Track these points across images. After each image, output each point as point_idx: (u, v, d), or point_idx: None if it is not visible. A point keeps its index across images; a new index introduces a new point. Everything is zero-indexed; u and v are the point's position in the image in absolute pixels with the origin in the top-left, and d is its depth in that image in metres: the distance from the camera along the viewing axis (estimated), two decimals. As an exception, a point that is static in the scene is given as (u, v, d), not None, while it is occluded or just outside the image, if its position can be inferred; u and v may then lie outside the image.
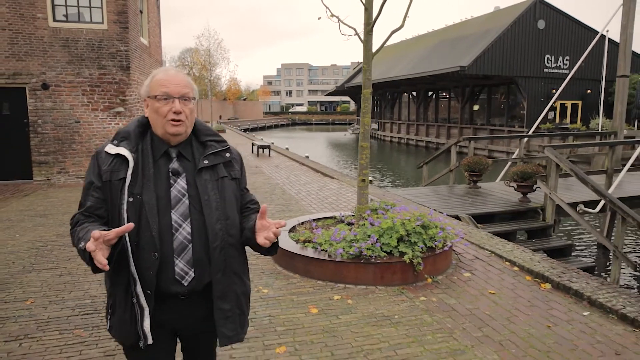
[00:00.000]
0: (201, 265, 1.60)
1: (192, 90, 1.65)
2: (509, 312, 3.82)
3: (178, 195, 1.60)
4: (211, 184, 1.64)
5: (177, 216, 1.58)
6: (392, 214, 4.76)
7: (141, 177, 1.57)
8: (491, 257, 5.17)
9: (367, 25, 4.87)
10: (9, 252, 5.30)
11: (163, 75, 1.63)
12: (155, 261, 1.53)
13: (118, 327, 1.64)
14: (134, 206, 1.54)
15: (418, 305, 3.93)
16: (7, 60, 9.94)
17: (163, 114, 1.59)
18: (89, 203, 1.59)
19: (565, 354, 3.15)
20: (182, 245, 1.58)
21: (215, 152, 1.69)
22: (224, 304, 1.64)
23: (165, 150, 1.64)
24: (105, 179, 1.57)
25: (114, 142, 1.62)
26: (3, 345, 3.14)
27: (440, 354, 3.14)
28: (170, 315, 1.63)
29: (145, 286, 1.55)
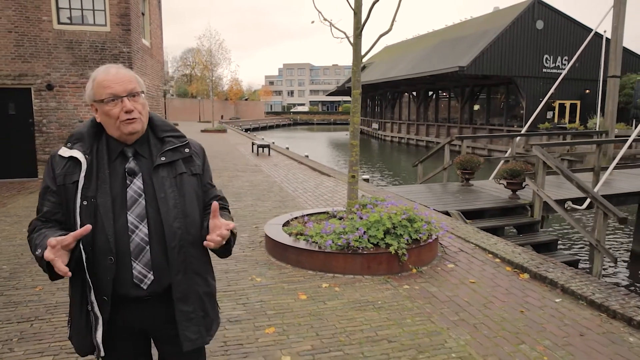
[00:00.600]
0: (160, 267, 1.55)
1: (138, 84, 1.59)
2: (486, 299, 4.08)
3: (134, 195, 1.56)
4: (169, 181, 1.59)
5: (133, 217, 1.54)
6: (379, 209, 5.02)
7: (95, 180, 1.53)
8: (475, 250, 5.43)
9: (357, 30, 5.14)
10: (18, 245, 5.59)
11: (104, 76, 1.55)
12: (111, 265, 1.49)
13: (75, 337, 1.61)
14: (88, 209, 1.50)
15: (401, 292, 4.19)
16: (13, 61, 10.25)
17: (115, 116, 1.53)
18: (45, 208, 1.55)
19: (533, 335, 3.41)
20: (139, 247, 1.53)
21: (173, 147, 1.63)
22: (186, 306, 1.59)
23: (121, 150, 1.59)
24: (59, 182, 1.53)
25: (67, 144, 1.58)
26: (16, 326, 3.43)
27: (417, 334, 3.40)
28: (132, 319, 1.59)
29: (101, 292, 1.51)
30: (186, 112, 52.61)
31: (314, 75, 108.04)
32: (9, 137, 10.54)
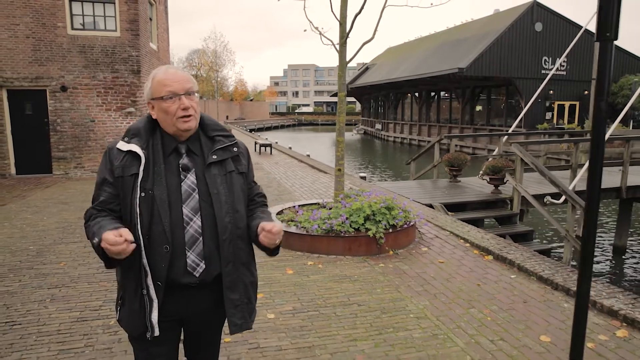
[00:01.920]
0: (211, 258, 1.66)
1: (194, 84, 1.70)
2: (450, 275, 4.68)
3: (188, 190, 1.64)
4: (220, 178, 1.68)
5: (188, 210, 1.63)
6: (362, 198, 5.64)
7: (152, 173, 1.62)
8: (449, 236, 6.03)
9: (342, 38, 5.76)
10: (41, 230, 6.26)
11: (163, 75, 1.65)
12: (166, 254, 1.59)
13: (127, 318, 1.69)
14: (146, 201, 1.58)
15: (376, 269, 4.81)
16: (30, 65, 10.96)
17: (172, 113, 1.63)
18: (102, 198, 1.64)
19: (484, 302, 4.01)
20: (193, 238, 1.63)
21: (223, 147, 1.73)
22: (233, 294, 1.70)
23: (174, 146, 1.68)
24: (117, 174, 1.62)
25: (125, 139, 1.66)
26: (47, 291, 4.09)
27: (383, 300, 4.02)
28: (178, 305, 1.69)
29: (155, 278, 1.60)
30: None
31: (319, 76, 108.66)
32: (26, 135, 11.25)
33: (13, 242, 5.71)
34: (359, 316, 3.69)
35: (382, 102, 49.77)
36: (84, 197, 8.77)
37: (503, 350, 3.20)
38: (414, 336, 3.38)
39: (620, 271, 9.18)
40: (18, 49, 10.84)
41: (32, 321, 3.53)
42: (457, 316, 3.73)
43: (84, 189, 9.68)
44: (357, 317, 3.68)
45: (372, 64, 50.00)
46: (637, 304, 3.82)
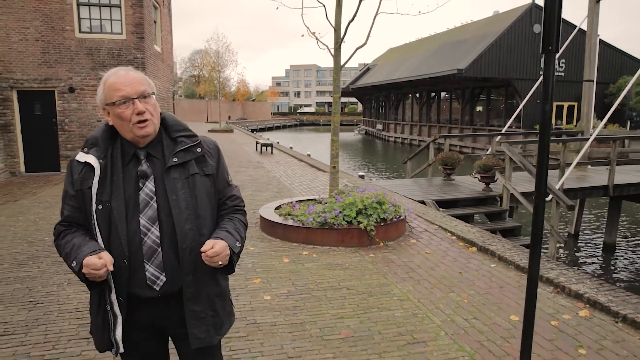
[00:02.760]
0: (172, 269, 1.58)
1: (148, 85, 1.61)
2: (434, 264, 5.05)
3: (146, 198, 1.57)
4: (181, 182, 1.59)
5: (145, 220, 1.56)
6: (354, 194, 6.01)
7: (109, 184, 1.55)
8: (438, 230, 6.40)
9: (336, 44, 6.13)
10: (53, 223, 6.61)
11: (114, 79, 1.57)
12: (125, 268, 1.53)
13: (94, 333, 1.65)
14: (103, 213, 1.53)
15: (366, 259, 5.18)
16: (39, 67, 11.37)
17: (127, 118, 1.55)
18: (66, 212, 1.61)
19: (463, 287, 4.38)
20: (151, 249, 1.56)
21: (185, 148, 1.64)
22: (195, 306, 1.62)
23: (134, 153, 1.60)
24: (77, 187, 1.56)
25: (84, 149, 1.60)
26: (64, 275, 4.48)
27: (371, 285, 4.39)
28: (147, 318, 1.63)
29: (117, 293, 1.55)
30: (194, 113, 53.78)
31: (321, 76, 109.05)
32: (35, 135, 11.66)
33: (29, 234, 6.12)
34: (347, 298, 4.07)
35: (383, 103, 50.13)
36: (92, 193, 9.16)
37: (475, 327, 3.57)
38: (396, 315, 3.75)
39: (609, 267, 9.51)
40: (28, 52, 11.25)
41: (52, 301, 3.92)
42: (437, 299, 4.10)
43: (92, 186, 10.07)
44: (345, 299, 4.06)
45: (374, 64, 50.37)
46: (602, 288, 4.18)
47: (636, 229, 12.07)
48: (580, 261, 9.75)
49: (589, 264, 9.58)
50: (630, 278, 8.82)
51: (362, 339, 3.33)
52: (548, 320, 3.68)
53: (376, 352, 3.15)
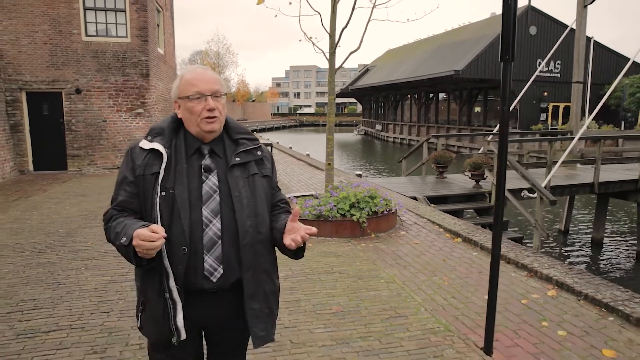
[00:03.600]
0: (230, 262, 1.61)
1: (222, 86, 1.67)
2: (420, 252, 5.48)
3: (209, 191, 1.61)
4: (242, 180, 1.65)
5: (207, 212, 1.59)
6: (348, 189, 6.44)
7: (174, 172, 1.59)
8: (427, 223, 6.83)
9: (331, 49, 6.56)
10: (65, 217, 7.09)
11: (192, 75, 1.64)
12: (184, 256, 1.55)
13: (150, 324, 1.65)
14: (167, 200, 1.56)
15: (358, 248, 5.61)
16: (47, 69, 11.80)
17: (197, 113, 1.61)
18: (121, 197, 1.62)
19: (445, 272, 4.80)
20: (211, 241, 1.59)
21: (247, 149, 1.70)
22: (255, 304, 1.64)
23: (197, 147, 1.65)
24: (138, 173, 1.59)
25: (147, 137, 1.64)
26: (80, 262, 4.92)
27: (361, 270, 4.81)
28: (198, 311, 1.64)
29: (176, 281, 1.56)
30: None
31: (321, 77, 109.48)
32: (43, 135, 12.09)
33: (44, 226, 6.55)
34: (339, 281, 4.49)
35: (382, 104, 50.55)
36: (99, 190, 9.60)
37: (452, 304, 3.99)
38: (382, 294, 4.18)
39: (596, 261, 9.92)
40: (36, 55, 11.68)
41: (73, 282, 4.35)
42: (420, 282, 4.53)
43: (99, 183, 10.51)
44: (337, 281, 4.48)
45: (373, 65, 50.80)
46: (570, 272, 4.61)
47: (622, 225, 12.50)
48: (569, 256, 10.15)
49: (576, 259, 9.98)
50: (613, 269, 9.24)
51: (351, 313, 3.76)
52: (519, 299, 4.11)
53: (362, 324, 3.58)
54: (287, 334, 3.40)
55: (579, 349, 3.23)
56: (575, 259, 9.95)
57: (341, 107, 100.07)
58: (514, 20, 2.81)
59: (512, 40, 2.82)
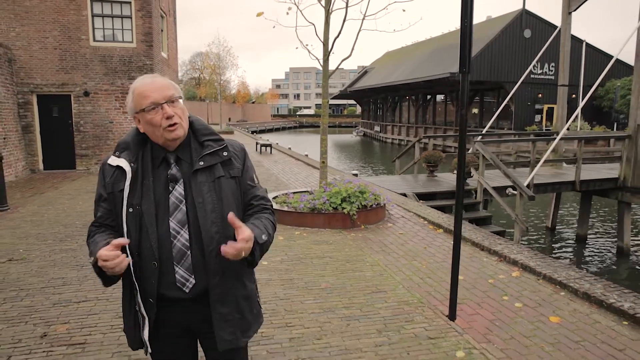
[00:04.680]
0: (201, 271, 1.61)
1: (175, 89, 1.63)
2: (404, 241, 6.05)
3: (175, 201, 1.60)
4: (207, 185, 1.62)
5: (174, 223, 1.59)
6: (340, 184, 7.02)
7: (140, 187, 1.58)
8: (413, 216, 7.41)
9: (325, 55, 7.14)
10: (80, 211, 7.67)
11: (141, 87, 1.60)
12: (155, 270, 1.56)
13: (127, 332, 1.72)
14: (134, 216, 1.56)
15: (348, 237, 6.19)
16: (57, 73, 12.39)
17: (157, 124, 1.58)
18: (99, 214, 1.65)
19: (424, 258, 5.38)
20: (180, 252, 1.59)
21: (211, 152, 1.67)
22: (222, 308, 1.65)
23: (164, 157, 1.64)
24: (108, 190, 1.61)
25: (115, 153, 1.64)
26: (99, 247, 5.49)
27: (349, 255, 5.39)
28: (176, 318, 1.67)
29: (147, 294, 1.59)
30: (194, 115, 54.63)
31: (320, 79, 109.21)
32: (53, 135, 12.68)
33: (61, 219, 7.13)
34: (329, 264, 5.07)
35: (380, 105, 51.16)
36: (108, 187, 10.18)
37: (427, 283, 4.57)
38: (366, 275, 4.76)
39: (579, 256, 10.48)
40: (47, 59, 12.28)
41: (94, 264, 4.92)
42: (401, 265, 5.10)
43: (106, 182, 11.09)
44: (327, 264, 5.06)
45: (371, 67, 51.43)
46: (535, 257, 5.19)
47: (606, 222, 13.07)
48: (554, 252, 10.71)
49: (561, 254, 10.54)
50: (595, 263, 9.81)
51: (337, 289, 4.34)
52: (486, 279, 4.69)
53: (347, 297, 4.16)
54: (282, 304, 3.98)
55: (530, 317, 3.81)
56: (560, 254, 10.51)
57: (341, 109, 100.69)
58: (469, 39, 3.38)
59: (468, 56, 3.40)
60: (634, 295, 4.07)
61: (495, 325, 3.67)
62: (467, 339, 3.43)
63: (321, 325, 3.60)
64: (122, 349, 3.17)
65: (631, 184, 10.52)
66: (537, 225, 12.51)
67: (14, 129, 11.73)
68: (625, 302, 3.91)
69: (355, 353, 3.19)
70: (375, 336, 3.43)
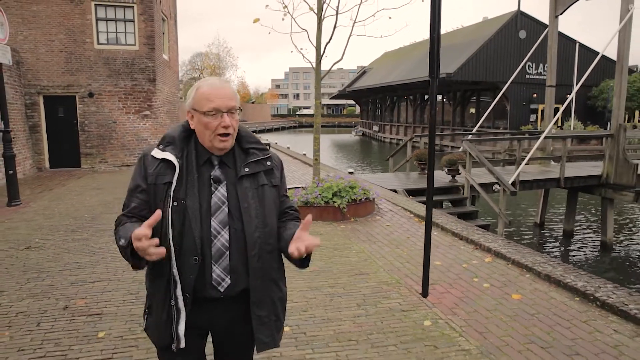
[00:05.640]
0: (237, 273, 1.64)
1: (237, 101, 1.67)
2: (390, 232, 6.53)
3: (218, 202, 1.63)
4: (251, 191, 1.66)
5: (216, 223, 1.62)
6: (331, 180, 7.50)
7: (185, 183, 1.61)
8: (401, 210, 7.89)
9: (317, 59, 7.62)
10: (88, 206, 8.16)
11: (208, 89, 1.63)
12: (195, 265, 1.58)
13: (154, 328, 1.70)
14: (179, 210, 1.58)
15: (338, 229, 6.67)
16: (63, 75, 12.88)
17: (212, 129, 1.61)
18: (133, 204, 1.65)
19: (407, 246, 5.86)
20: (219, 252, 1.62)
21: (256, 160, 1.71)
22: (261, 311, 1.68)
23: (208, 157, 1.67)
24: (150, 181, 1.62)
25: (159, 146, 1.66)
26: (108, 238, 5.99)
27: (338, 244, 5.88)
28: (204, 317, 1.68)
29: (183, 289, 1.60)
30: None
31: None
32: (58, 135, 13.17)
33: (71, 212, 7.62)
34: (318, 251, 5.55)
35: (379, 105, 51.64)
36: (113, 184, 10.67)
37: (406, 267, 5.06)
38: (351, 260, 5.24)
39: (565, 251, 10.94)
40: (53, 62, 12.76)
41: (105, 251, 5.42)
42: (384, 252, 5.59)
43: (112, 179, 11.59)
44: (317, 251, 5.52)
45: (370, 67, 51.90)
46: (507, 245, 5.67)
47: (592, 217, 13.56)
48: (543, 246, 11.17)
49: (548, 249, 11.00)
50: (580, 257, 10.30)
51: (325, 272, 4.82)
52: (460, 264, 5.17)
53: (332, 278, 4.64)
54: (274, 284, 4.47)
55: (495, 295, 4.30)
56: (547, 248, 10.97)
57: (340, 109, 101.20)
58: (438, 49, 3.86)
59: (436, 63, 3.87)
60: (588, 276, 4.56)
61: (462, 301, 4.15)
62: (435, 312, 3.92)
63: (308, 300, 4.09)
64: (134, 319, 3.66)
65: (614, 181, 11.00)
66: (527, 222, 12.99)
67: (21, 128, 12.21)
68: (579, 281, 4.40)
69: (336, 322, 3.68)
70: (355, 309, 3.92)
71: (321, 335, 3.46)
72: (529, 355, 3.22)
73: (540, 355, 3.23)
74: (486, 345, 3.36)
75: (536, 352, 3.26)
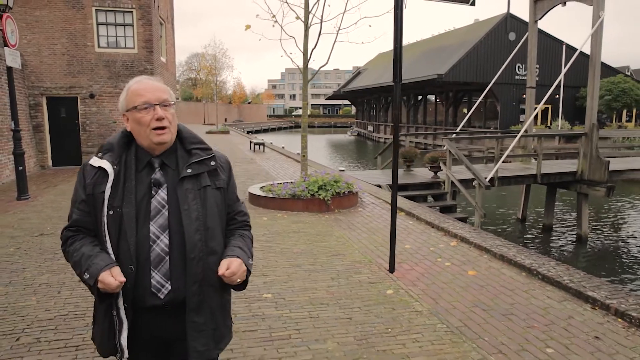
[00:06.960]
0: (178, 278, 1.59)
1: (170, 95, 1.64)
2: (369, 221, 7.17)
3: (158, 206, 1.60)
4: (193, 193, 1.62)
5: (155, 228, 1.58)
6: (317, 174, 8.14)
7: (122, 190, 1.57)
8: (382, 203, 8.53)
9: (304, 63, 8.26)
10: (92, 199, 8.75)
11: (138, 85, 1.62)
12: (131, 274, 1.54)
13: (99, 338, 1.67)
14: (114, 219, 1.55)
15: (322, 219, 7.30)
16: (65, 77, 13.47)
17: (146, 123, 1.58)
18: (75, 216, 1.63)
19: (383, 233, 6.47)
20: (159, 257, 1.58)
21: (199, 160, 1.67)
22: (197, 317, 1.63)
23: (148, 161, 1.63)
24: (88, 192, 1.59)
25: (98, 154, 1.63)
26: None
27: (320, 231, 6.51)
28: (148, 327, 1.63)
29: (123, 299, 1.57)
30: (191, 115, 55.56)
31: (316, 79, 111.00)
32: (61, 134, 13.76)
33: (76, 205, 8.20)
34: (302, 237, 6.19)
35: (374, 105, 52.31)
36: (114, 181, 11.26)
37: (379, 249, 5.69)
38: (331, 244, 5.88)
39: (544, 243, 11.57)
40: (56, 64, 13.36)
41: (110, 237, 6.02)
42: (362, 238, 6.22)
43: (111, 176, 12.17)
44: (301, 237, 6.18)
45: (364, 68, 52.58)
46: (473, 232, 6.32)
47: (568, 212, 14.23)
48: (523, 239, 11.81)
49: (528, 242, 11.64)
50: (557, 249, 10.96)
51: (306, 253, 5.46)
52: (428, 247, 5.81)
53: (312, 258, 5.27)
54: (260, 262, 5.10)
55: (454, 271, 4.94)
56: (527, 242, 11.61)
57: (336, 109, 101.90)
58: (400, 54, 4.49)
59: (399, 68, 4.50)
60: (536, 255, 5.21)
61: (424, 276, 4.79)
62: (398, 284, 4.56)
63: (289, 275, 4.72)
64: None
65: (588, 177, 11.68)
66: (510, 217, 13.63)
67: (26, 128, 12.79)
68: (527, 259, 5.05)
69: (312, 290, 4.31)
70: (329, 282, 4.56)
71: (298, 300, 4.10)
72: (471, 315, 3.86)
73: (481, 315, 3.87)
74: (437, 308, 4.00)
75: (478, 313, 3.90)
